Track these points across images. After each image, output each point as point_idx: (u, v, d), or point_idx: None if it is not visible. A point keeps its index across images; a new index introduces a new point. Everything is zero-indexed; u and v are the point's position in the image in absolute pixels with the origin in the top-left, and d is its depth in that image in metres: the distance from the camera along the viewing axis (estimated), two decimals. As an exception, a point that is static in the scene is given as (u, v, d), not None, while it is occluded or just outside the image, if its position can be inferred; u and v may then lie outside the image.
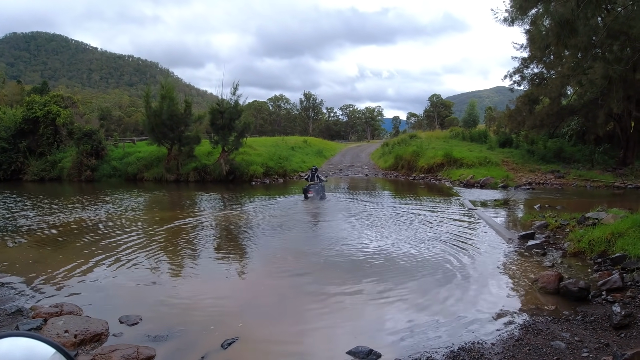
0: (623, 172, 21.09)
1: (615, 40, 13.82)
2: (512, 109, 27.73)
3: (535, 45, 20.53)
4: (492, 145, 28.77)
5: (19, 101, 38.22)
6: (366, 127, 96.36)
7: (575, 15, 8.42)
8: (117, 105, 77.22)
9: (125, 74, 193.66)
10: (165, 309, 5.83)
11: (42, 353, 1.22)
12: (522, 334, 4.75)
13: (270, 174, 26.45)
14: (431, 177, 24.13)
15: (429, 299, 6.09)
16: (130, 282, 7.03)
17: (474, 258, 8.07)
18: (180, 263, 8.30)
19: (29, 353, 1.21)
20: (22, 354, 1.21)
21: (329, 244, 9.44)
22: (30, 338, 1.25)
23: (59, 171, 28.13)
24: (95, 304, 5.99)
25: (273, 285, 6.88)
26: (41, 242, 9.94)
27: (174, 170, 26.26)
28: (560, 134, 28.01)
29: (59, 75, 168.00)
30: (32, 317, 5.37)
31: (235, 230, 11.49)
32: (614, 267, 6.79)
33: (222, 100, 25.72)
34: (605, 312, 5.25)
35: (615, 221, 8.46)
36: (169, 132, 25.55)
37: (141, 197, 18.90)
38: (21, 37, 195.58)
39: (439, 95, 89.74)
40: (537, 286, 6.21)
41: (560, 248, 8.47)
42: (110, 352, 4.37)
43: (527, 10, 14.92)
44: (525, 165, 24.46)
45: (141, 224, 11.98)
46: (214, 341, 4.77)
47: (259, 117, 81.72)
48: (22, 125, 29.18)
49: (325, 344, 4.86)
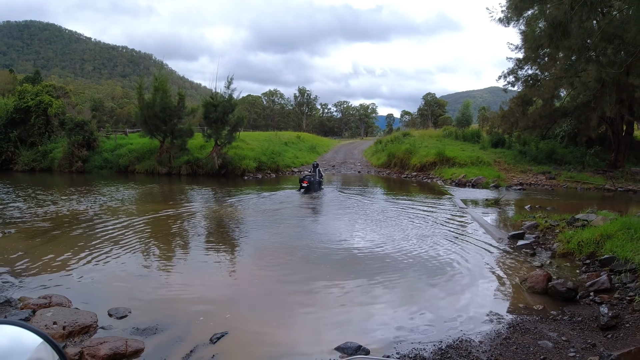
0: (613, 175, 21.25)
1: (610, 43, 13.90)
2: (506, 110, 27.80)
3: (529, 46, 20.62)
4: (485, 145, 28.88)
5: (11, 90, 37.88)
6: (360, 124, 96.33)
7: (568, 18, 8.48)
8: (110, 96, 76.59)
9: (118, 65, 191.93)
10: (154, 302, 5.81)
11: (29, 342, 1.21)
12: (510, 333, 4.79)
13: (263, 168, 26.41)
14: (423, 176, 24.18)
15: (418, 296, 6.13)
16: (120, 274, 7.00)
17: (464, 256, 8.11)
18: (170, 256, 8.28)
19: (15, 342, 1.20)
20: (8, 342, 1.19)
21: (319, 239, 9.45)
22: (18, 327, 1.23)
23: (49, 162, 27.90)
24: (84, 296, 5.96)
25: (262, 279, 6.89)
26: (31, 233, 9.85)
27: (166, 163, 26.13)
28: (552, 136, 28.14)
29: (51, 64, 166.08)
30: (21, 308, 5.33)
31: (226, 223, 11.47)
32: (602, 269, 6.85)
33: (215, 94, 25.56)
34: (592, 312, 5.31)
35: (604, 223, 8.53)
36: (161, 125, 25.38)
37: (132, 189, 18.79)
38: (14, 25, 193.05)
39: (433, 94, 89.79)
40: (525, 286, 6.26)
41: (550, 249, 8.53)
42: (98, 344, 4.35)
43: (523, 11, 14.94)
44: (517, 165, 24.58)
45: (132, 217, 11.91)
46: (203, 335, 4.77)
47: (252, 112, 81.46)
48: (14, 115, 28.88)
49: (314, 339, 4.88)
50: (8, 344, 1.19)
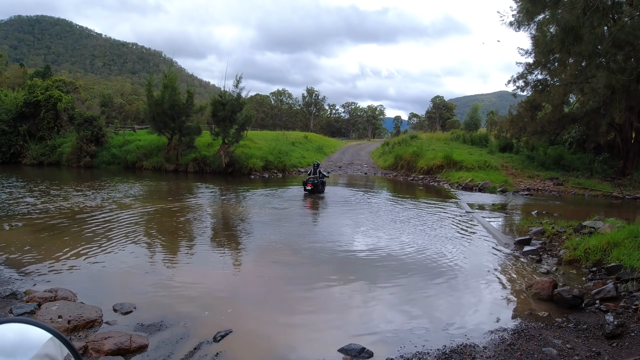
0: (622, 182, 21.07)
1: (620, 50, 13.83)
2: (514, 114, 27.70)
3: (540, 51, 20.53)
4: (493, 149, 28.77)
5: (21, 84, 38.10)
6: (367, 126, 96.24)
7: (580, 23, 8.43)
8: (119, 92, 77.11)
9: (128, 61, 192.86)
10: (159, 298, 5.84)
11: (36, 338, 1.22)
12: (514, 339, 4.76)
13: (270, 168, 26.41)
14: (430, 179, 24.11)
15: (422, 299, 6.12)
16: (126, 269, 7.04)
17: (469, 261, 8.09)
18: (176, 252, 8.32)
19: (22, 338, 1.21)
20: (15, 338, 1.20)
21: (324, 239, 9.46)
22: (25, 324, 1.24)
23: (58, 156, 28.08)
24: (89, 290, 5.99)
25: (267, 278, 6.91)
26: (38, 226, 9.93)
27: (173, 160, 26.22)
28: (560, 141, 27.99)
29: (62, 60, 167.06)
30: (26, 301, 5.37)
31: (233, 221, 11.50)
32: (608, 277, 6.81)
33: (224, 92, 25.61)
34: (598, 320, 5.27)
35: (611, 231, 8.47)
36: (170, 122, 25.47)
37: (140, 185, 18.88)
38: (26, 20, 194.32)
39: (441, 97, 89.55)
40: (531, 292, 6.23)
41: (556, 255, 8.49)
42: (103, 339, 4.37)
43: (534, 15, 14.87)
44: (524, 170, 24.46)
45: (139, 212, 11.97)
46: (207, 333, 4.78)
47: (260, 111, 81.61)
48: (23, 109, 29.09)
49: (317, 340, 4.88)
50: (15, 340, 1.20)
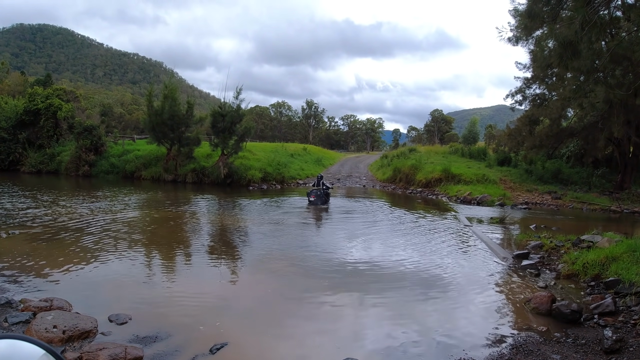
0: (620, 197, 21.10)
1: (618, 65, 13.93)
2: (512, 128, 27.82)
3: (538, 65, 20.67)
4: (491, 163, 28.83)
5: (22, 92, 38.30)
6: (366, 138, 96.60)
7: (578, 38, 8.49)
8: (119, 102, 77.26)
9: (129, 71, 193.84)
10: (155, 309, 5.79)
11: (29, 355, 1.21)
12: (513, 354, 4.73)
13: (268, 179, 26.43)
14: (428, 192, 24.10)
15: (420, 314, 6.08)
16: (122, 280, 7.00)
17: (467, 275, 8.05)
18: (173, 263, 8.27)
19: (15, 355, 1.20)
20: (7, 355, 1.19)
21: (321, 251, 9.45)
22: (18, 340, 1.23)
23: (56, 164, 28.13)
24: (85, 300, 5.95)
25: (264, 291, 6.87)
26: (35, 234, 9.89)
27: (172, 170, 26.25)
28: (558, 155, 28.08)
29: (63, 68, 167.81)
30: (21, 310, 5.33)
31: (230, 232, 11.46)
32: (607, 291, 6.79)
33: (224, 104, 25.73)
34: (596, 335, 5.24)
35: (610, 245, 8.46)
36: (169, 132, 25.56)
37: (138, 195, 18.85)
38: (28, 28, 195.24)
39: (440, 110, 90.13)
40: (529, 306, 6.20)
41: (554, 269, 8.46)
42: (98, 350, 4.33)
43: (533, 30, 14.98)
44: (522, 184, 24.49)
45: (136, 222, 11.94)
46: (202, 345, 4.74)
47: (259, 122, 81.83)
48: (23, 117, 29.20)
49: (314, 354, 4.84)
50: (7, 356, 1.19)
